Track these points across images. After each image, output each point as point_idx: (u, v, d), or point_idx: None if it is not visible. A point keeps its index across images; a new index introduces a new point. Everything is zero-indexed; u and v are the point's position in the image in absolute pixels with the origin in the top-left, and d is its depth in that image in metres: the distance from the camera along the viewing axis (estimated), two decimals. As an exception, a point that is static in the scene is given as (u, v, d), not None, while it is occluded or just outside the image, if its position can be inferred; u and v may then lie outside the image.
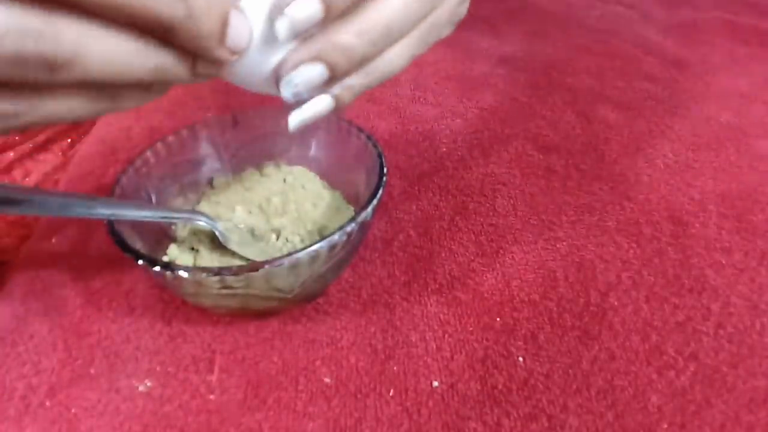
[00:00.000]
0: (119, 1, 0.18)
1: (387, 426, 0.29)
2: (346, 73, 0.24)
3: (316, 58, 0.23)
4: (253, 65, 0.24)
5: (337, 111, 0.26)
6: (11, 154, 0.51)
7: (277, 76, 0.24)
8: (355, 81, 0.25)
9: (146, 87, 0.22)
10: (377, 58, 0.25)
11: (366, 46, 0.23)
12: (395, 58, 0.25)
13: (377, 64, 0.25)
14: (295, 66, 0.23)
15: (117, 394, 0.30)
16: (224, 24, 0.20)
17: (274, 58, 0.24)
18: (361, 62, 0.24)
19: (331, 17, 0.22)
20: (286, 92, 0.24)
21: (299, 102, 0.26)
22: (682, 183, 0.44)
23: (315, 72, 0.23)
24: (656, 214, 0.41)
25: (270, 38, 0.23)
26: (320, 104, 0.25)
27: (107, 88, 0.21)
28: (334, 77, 0.24)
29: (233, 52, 0.21)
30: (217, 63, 0.22)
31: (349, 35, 0.23)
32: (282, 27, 0.22)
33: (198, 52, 0.21)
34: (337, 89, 0.25)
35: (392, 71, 0.26)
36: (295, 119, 0.26)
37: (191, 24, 0.19)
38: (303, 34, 0.23)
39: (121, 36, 0.19)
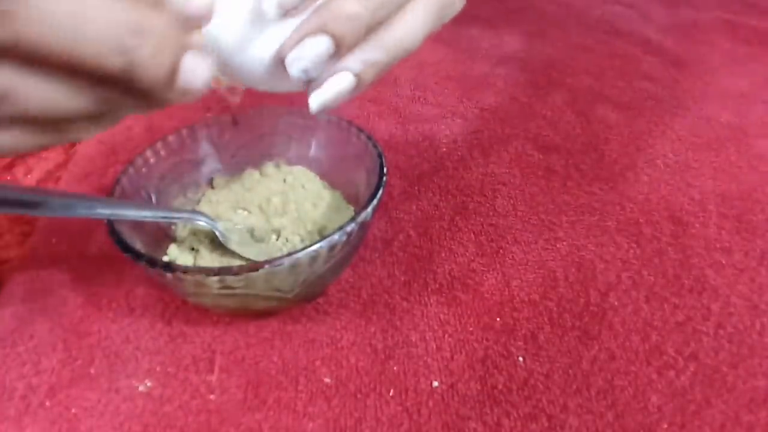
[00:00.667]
0: (56, 52, 0.17)
1: (387, 426, 0.29)
2: (353, 43, 0.23)
3: (319, 30, 0.22)
4: (252, 58, 0.23)
5: (360, 90, 0.25)
6: None
7: (279, 61, 0.23)
8: (375, 57, 0.24)
9: (96, 118, 0.20)
10: (391, 31, 0.24)
11: (370, 12, 0.22)
12: (411, 31, 0.24)
13: (393, 38, 0.24)
14: (299, 41, 0.22)
15: (117, 394, 0.30)
16: (174, 71, 0.19)
17: (271, 46, 0.23)
18: (367, 30, 0.23)
19: None
20: (294, 70, 0.23)
21: (311, 82, 0.24)
22: (682, 183, 0.44)
23: (321, 45, 0.22)
24: (656, 214, 0.41)
25: (262, 25, 0.22)
26: (342, 82, 0.24)
27: (51, 123, 0.19)
28: (340, 48, 0.23)
29: (187, 93, 0.20)
30: (170, 103, 0.21)
31: (351, 2, 0.22)
32: (270, 5, 0.21)
33: (145, 95, 0.19)
34: (358, 65, 0.24)
35: (410, 46, 0.25)
36: (316, 101, 0.24)
37: (134, 74, 0.18)
38: (294, 11, 0.22)
39: (61, 78, 0.18)
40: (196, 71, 0.19)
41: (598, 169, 0.46)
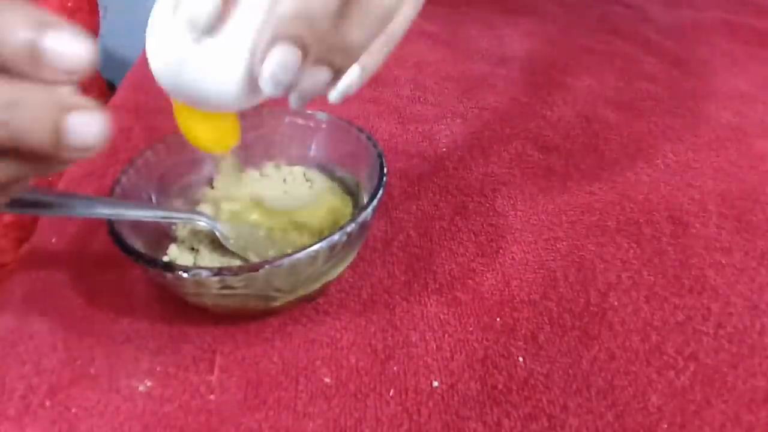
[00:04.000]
0: None
1: (387, 426, 0.29)
2: (315, 42, 0.22)
3: (278, 40, 0.21)
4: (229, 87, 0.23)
5: (365, 79, 0.27)
6: None
7: (251, 79, 0.23)
8: (376, 47, 0.26)
9: (1, 188, 0.21)
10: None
11: (325, 8, 0.21)
12: (402, 18, 0.26)
13: (390, 28, 0.25)
14: (263, 59, 0.21)
15: (117, 394, 0.30)
16: (58, 132, 0.19)
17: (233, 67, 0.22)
18: (328, 29, 0.22)
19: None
20: (269, 88, 0.22)
21: (294, 91, 0.23)
22: (682, 183, 0.44)
23: (286, 54, 0.21)
24: (656, 214, 0.41)
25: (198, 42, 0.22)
26: (352, 76, 0.26)
27: None
28: (305, 50, 0.21)
29: (81, 149, 0.20)
30: (66, 163, 0.21)
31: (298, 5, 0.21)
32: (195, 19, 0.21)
33: (41, 159, 0.20)
34: (364, 59, 0.25)
35: (402, 31, 0.26)
36: (334, 95, 0.27)
37: (19, 143, 0.19)
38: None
39: None
40: (83, 128, 0.19)
41: (598, 169, 0.46)
